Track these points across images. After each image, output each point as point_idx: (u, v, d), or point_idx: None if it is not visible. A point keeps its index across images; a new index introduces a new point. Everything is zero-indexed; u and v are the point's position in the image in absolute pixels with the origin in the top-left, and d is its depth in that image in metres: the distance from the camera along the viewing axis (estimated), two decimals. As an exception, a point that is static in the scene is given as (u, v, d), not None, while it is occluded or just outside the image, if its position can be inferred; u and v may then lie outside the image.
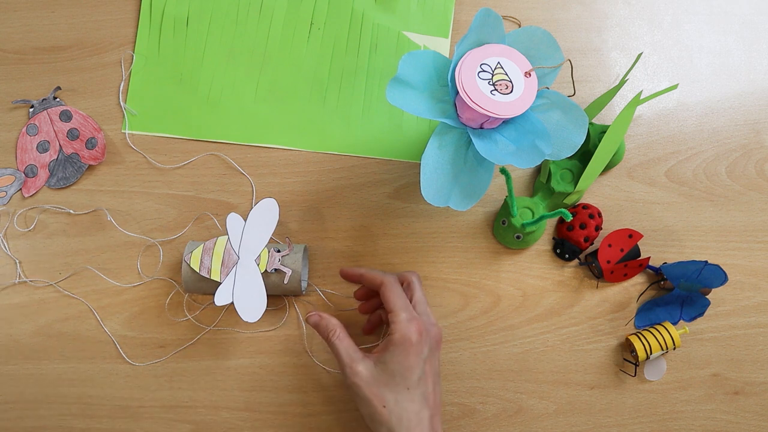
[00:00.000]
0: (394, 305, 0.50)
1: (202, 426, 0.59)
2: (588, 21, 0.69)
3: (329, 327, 0.51)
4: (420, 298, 0.53)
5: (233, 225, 0.56)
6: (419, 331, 0.49)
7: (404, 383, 0.48)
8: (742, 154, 0.66)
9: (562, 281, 0.63)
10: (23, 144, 0.63)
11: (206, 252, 0.55)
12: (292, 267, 0.55)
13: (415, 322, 0.49)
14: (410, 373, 0.48)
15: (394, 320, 0.49)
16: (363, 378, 0.48)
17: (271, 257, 0.55)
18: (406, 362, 0.48)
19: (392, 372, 0.48)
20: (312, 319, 0.53)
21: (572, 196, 0.61)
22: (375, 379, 0.48)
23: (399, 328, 0.49)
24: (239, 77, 0.66)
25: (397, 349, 0.48)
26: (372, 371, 0.49)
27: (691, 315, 0.62)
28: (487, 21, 0.50)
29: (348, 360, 0.49)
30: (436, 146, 0.51)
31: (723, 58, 0.69)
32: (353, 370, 0.49)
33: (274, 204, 0.56)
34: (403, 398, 0.47)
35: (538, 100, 0.51)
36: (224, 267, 0.54)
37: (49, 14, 0.66)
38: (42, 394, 0.59)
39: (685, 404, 0.62)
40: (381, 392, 0.48)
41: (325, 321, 0.52)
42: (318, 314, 0.53)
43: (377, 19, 0.67)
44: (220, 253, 0.55)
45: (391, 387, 0.48)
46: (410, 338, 0.48)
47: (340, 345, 0.50)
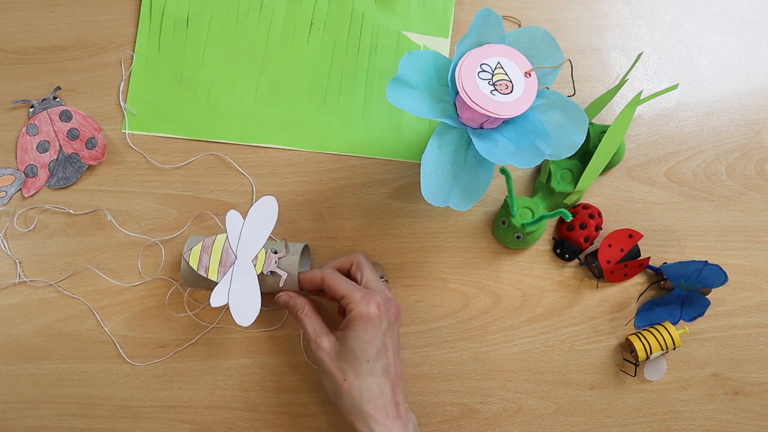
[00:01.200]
0: (342, 290, 0.51)
1: (202, 426, 0.59)
2: (588, 21, 0.69)
3: (297, 305, 0.53)
4: (370, 275, 0.54)
5: (232, 223, 0.55)
6: (377, 305, 0.50)
7: (364, 357, 0.49)
8: (742, 154, 0.66)
9: (562, 281, 0.63)
10: (23, 144, 0.63)
11: (205, 250, 0.54)
12: (289, 270, 0.53)
13: (371, 297, 0.50)
14: (370, 347, 0.49)
15: (350, 301, 0.50)
16: (326, 352, 0.50)
17: (268, 259, 0.54)
18: (364, 337, 0.49)
19: (352, 347, 0.49)
20: (281, 299, 0.54)
21: (572, 196, 0.61)
22: (337, 354, 0.50)
23: (355, 306, 0.50)
24: (239, 77, 0.66)
25: (356, 325, 0.49)
26: (335, 346, 0.51)
27: (691, 315, 0.62)
28: (487, 21, 0.50)
29: (313, 335, 0.51)
30: (436, 146, 0.51)
31: (723, 58, 0.69)
32: (317, 344, 0.51)
33: (273, 202, 0.55)
34: (364, 371, 0.49)
35: (538, 100, 0.51)
36: (221, 266, 0.54)
37: (49, 14, 0.66)
38: (42, 394, 0.59)
39: (685, 404, 0.62)
40: (341, 366, 0.49)
41: (294, 300, 0.54)
42: (287, 294, 0.54)
43: (377, 19, 0.67)
44: (219, 251, 0.54)
45: (351, 361, 0.49)
46: (368, 313, 0.50)
47: (308, 321, 0.52)
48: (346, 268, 0.55)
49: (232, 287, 0.53)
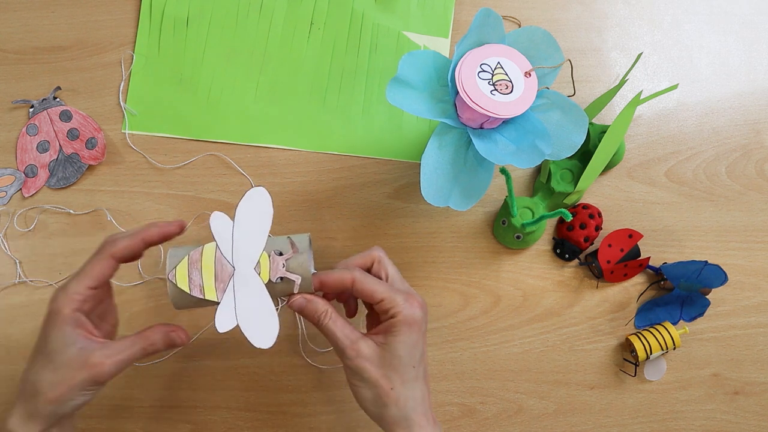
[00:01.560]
0: (380, 294, 0.46)
1: (202, 426, 0.59)
2: (588, 21, 0.69)
3: (318, 309, 0.46)
4: (395, 273, 0.50)
5: (219, 227, 0.45)
6: (421, 307, 0.47)
7: (410, 362, 0.46)
8: (742, 154, 0.66)
9: (562, 281, 0.63)
10: (23, 144, 0.63)
11: (193, 265, 0.45)
12: (300, 272, 0.45)
13: (413, 299, 0.47)
14: (415, 351, 0.46)
15: (392, 304, 0.46)
16: (368, 359, 0.45)
17: (273, 263, 0.45)
18: (410, 341, 0.46)
19: (399, 354, 0.45)
20: (297, 304, 0.46)
21: (572, 196, 0.61)
22: (380, 361, 0.45)
23: (401, 310, 0.46)
24: (239, 77, 0.66)
25: (401, 329, 0.45)
26: (377, 351, 0.46)
27: (691, 315, 0.62)
28: (487, 21, 0.50)
29: (348, 342, 0.46)
30: (436, 146, 0.51)
31: (723, 58, 0.69)
32: (357, 350, 0.45)
33: (264, 193, 0.46)
34: (410, 378, 0.46)
35: (538, 100, 0.51)
36: (219, 282, 0.44)
37: (49, 14, 0.66)
38: (42, 394, 0.59)
39: (685, 404, 0.62)
40: (387, 374, 0.45)
41: (313, 304, 0.46)
42: (303, 297, 0.46)
43: (377, 19, 0.67)
44: (210, 264, 0.45)
45: (397, 368, 0.45)
46: (414, 317, 0.46)
47: (335, 327, 0.46)
48: (367, 265, 0.50)
49: (238, 305, 0.45)
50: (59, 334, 0.43)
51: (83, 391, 0.43)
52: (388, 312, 0.46)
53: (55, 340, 0.43)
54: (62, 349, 0.43)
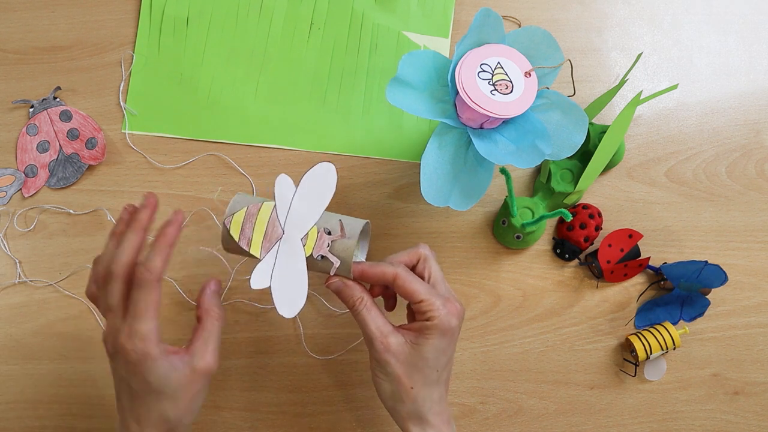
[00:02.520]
0: (420, 294, 0.46)
1: (202, 426, 0.59)
2: (588, 21, 0.69)
3: (355, 295, 0.47)
4: (438, 274, 0.49)
5: (282, 191, 0.47)
6: (458, 315, 0.47)
7: (435, 366, 0.46)
8: (742, 154, 0.66)
9: (562, 281, 0.63)
10: (23, 144, 0.63)
11: (249, 218, 0.47)
12: (343, 256, 0.46)
13: (452, 306, 0.46)
14: (443, 357, 0.46)
15: (430, 308, 0.46)
16: (395, 354, 0.46)
17: (320, 240, 0.46)
18: (440, 346, 0.46)
19: (426, 356, 0.46)
20: (334, 285, 0.47)
21: (572, 196, 0.61)
22: (407, 359, 0.46)
23: (438, 315, 0.45)
24: (239, 77, 0.66)
25: (435, 334, 0.46)
26: (405, 349, 0.46)
27: (691, 315, 0.62)
28: (487, 21, 0.50)
29: (378, 333, 0.46)
30: (436, 146, 0.51)
31: (723, 58, 0.69)
32: (385, 344, 0.45)
33: (332, 170, 0.47)
34: (432, 380, 0.46)
35: (538, 100, 0.51)
36: (266, 241, 0.46)
37: (49, 14, 0.66)
38: (42, 394, 0.59)
39: (685, 404, 0.62)
40: (410, 372, 0.46)
41: (350, 289, 0.47)
42: (341, 280, 0.47)
43: (377, 19, 0.67)
44: (264, 222, 0.47)
45: (421, 369, 0.46)
46: (450, 324, 0.46)
47: (368, 316, 0.46)
48: (413, 262, 0.49)
49: (277, 268, 0.46)
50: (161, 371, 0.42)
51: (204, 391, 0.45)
52: (425, 314, 0.46)
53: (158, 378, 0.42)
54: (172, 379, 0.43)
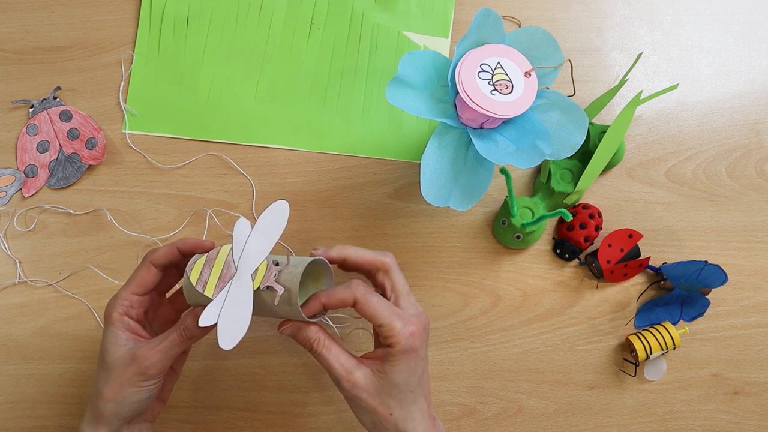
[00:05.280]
0: (380, 318, 0.45)
1: (202, 426, 0.59)
2: (588, 21, 0.69)
3: (310, 337, 0.46)
4: (402, 287, 0.48)
5: (240, 232, 0.47)
6: (419, 335, 0.46)
7: (408, 388, 0.46)
8: (742, 154, 0.66)
9: (562, 281, 0.63)
10: (23, 144, 0.63)
11: (208, 263, 0.47)
12: (288, 285, 0.44)
13: (412, 326, 0.45)
14: (413, 378, 0.46)
15: (390, 333, 0.45)
16: (365, 389, 0.45)
17: (268, 272, 0.45)
18: (408, 369, 0.45)
19: (396, 383, 0.45)
20: (288, 331, 0.46)
21: (572, 196, 0.61)
22: (377, 390, 0.45)
23: (398, 340, 0.44)
24: (239, 77, 0.66)
25: (399, 359, 0.45)
26: (372, 380, 0.45)
27: (691, 315, 0.62)
28: (487, 21, 0.50)
29: (343, 371, 0.45)
30: (436, 146, 0.51)
31: (723, 58, 0.69)
32: (353, 381, 0.45)
33: (285, 207, 0.47)
34: (408, 402, 0.46)
35: (538, 100, 0.51)
36: (220, 281, 0.46)
37: (49, 14, 0.66)
38: (42, 394, 0.59)
39: (685, 404, 0.62)
40: (386, 401, 0.45)
41: (304, 331, 0.46)
42: (293, 325, 0.46)
43: (377, 19, 0.67)
44: (221, 264, 0.47)
45: (395, 395, 0.45)
46: (413, 346, 0.45)
47: (329, 355, 0.45)
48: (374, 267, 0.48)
49: (226, 304, 0.45)
50: (110, 336, 0.47)
51: (136, 386, 0.45)
52: (387, 339, 0.45)
53: (106, 343, 0.47)
54: (112, 350, 0.46)
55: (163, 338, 0.46)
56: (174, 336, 0.46)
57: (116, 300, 0.47)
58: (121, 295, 0.48)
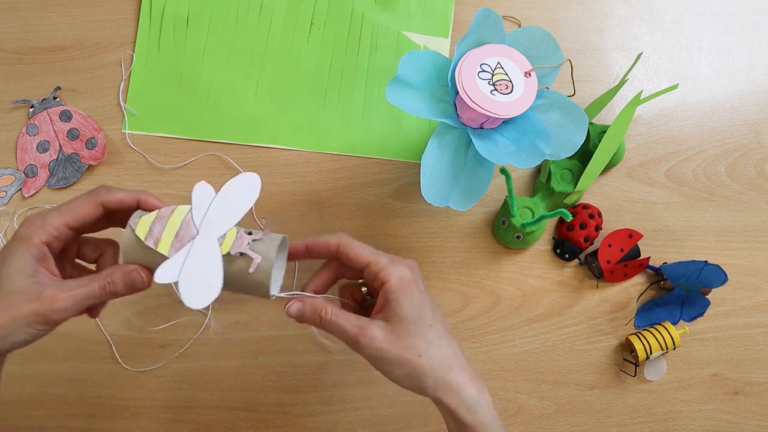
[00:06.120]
0: (366, 257, 0.44)
1: (202, 426, 0.59)
2: (588, 21, 0.69)
3: (317, 306, 0.43)
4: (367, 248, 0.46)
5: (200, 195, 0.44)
6: (407, 264, 0.44)
7: (425, 322, 0.43)
8: (742, 154, 0.66)
9: (562, 281, 0.63)
10: (23, 144, 0.63)
11: (159, 220, 0.43)
12: (264, 255, 0.42)
13: (399, 260, 0.44)
14: (424, 310, 0.43)
15: (378, 268, 0.43)
16: (384, 339, 0.42)
17: (239, 239, 0.43)
18: (414, 301, 0.43)
19: (408, 318, 0.42)
20: (293, 309, 0.44)
21: (572, 196, 0.61)
22: (396, 334, 0.42)
23: (389, 273, 0.43)
24: (239, 77, 0.66)
25: (400, 293, 0.43)
26: (388, 328, 0.43)
27: (691, 315, 0.62)
28: (487, 21, 0.50)
29: (357, 330, 0.42)
30: (436, 146, 0.51)
31: (723, 58, 0.69)
32: (369, 336, 0.42)
33: (257, 180, 0.45)
34: (433, 337, 0.43)
35: (538, 100, 0.51)
36: (177, 240, 0.42)
37: (49, 14, 0.66)
38: (42, 394, 0.59)
39: (685, 404, 0.62)
40: (409, 343, 0.42)
41: (308, 305, 0.44)
42: (296, 300, 0.44)
43: (377, 19, 0.67)
44: (176, 224, 0.43)
45: (415, 333, 0.42)
46: (406, 276, 0.43)
47: (339, 319, 0.43)
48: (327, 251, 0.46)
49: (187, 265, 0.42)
50: (20, 260, 0.39)
51: (30, 327, 0.39)
52: (378, 277, 0.43)
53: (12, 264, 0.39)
54: (17, 276, 0.39)
55: (78, 285, 0.40)
56: (94, 287, 0.41)
57: (43, 224, 0.40)
58: (52, 221, 0.41)
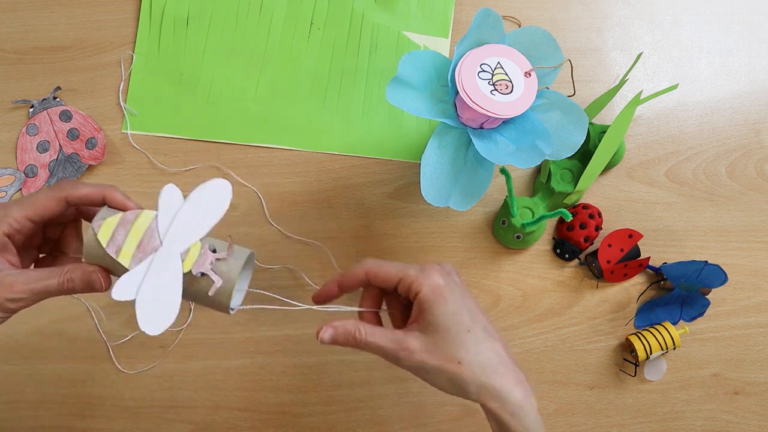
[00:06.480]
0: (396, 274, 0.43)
1: (202, 426, 0.59)
2: (588, 21, 0.69)
3: (349, 330, 0.43)
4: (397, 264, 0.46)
5: (168, 200, 0.42)
6: (438, 271, 0.44)
7: (462, 328, 0.42)
8: (742, 154, 0.66)
9: (562, 281, 0.63)
10: (23, 144, 0.63)
11: (123, 225, 0.41)
12: (226, 277, 0.40)
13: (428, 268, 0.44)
14: (461, 316, 0.43)
15: (409, 281, 0.43)
16: (422, 349, 0.42)
17: (203, 257, 0.41)
18: (448, 308, 0.42)
19: (444, 327, 0.42)
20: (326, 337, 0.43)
21: (572, 196, 0.61)
22: (434, 344, 0.42)
23: (421, 283, 0.43)
24: (239, 77, 0.66)
25: (433, 301, 0.42)
26: (424, 338, 0.42)
27: (691, 315, 0.62)
28: (487, 21, 0.50)
29: (395, 345, 0.42)
30: (436, 146, 0.51)
31: (723, 58, 0.69)
32: (408, 349, 0.42)
33: (227, 188, 0.42)
34: (472, 343, 0.42)
35: (538, 100, 0.51)
36: (139, 251, 0.41)
37: (49, 14, 0.66)
38: (42, 394, 0.59)
39: (685, 404, 0.62)
40: (447, 351, 0.42)
41: (341, 328, 0.43)
42: (329, 325, 0.43)
43: (377, 19, 0.67)
44: (141, 231, 0.41)
45: (451, 340, 0.42)
46: (437, 283, 0.43)
47: (375, 337, 0.43)
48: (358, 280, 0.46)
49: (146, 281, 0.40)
50: None
51: None
52: (410, 289, 0.43)
53: None
54: None
55: (37, 278, 0.40)
56: (53, 282, 0.41)
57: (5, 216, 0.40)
58: (14, 213, 0.41)
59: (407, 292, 0.44)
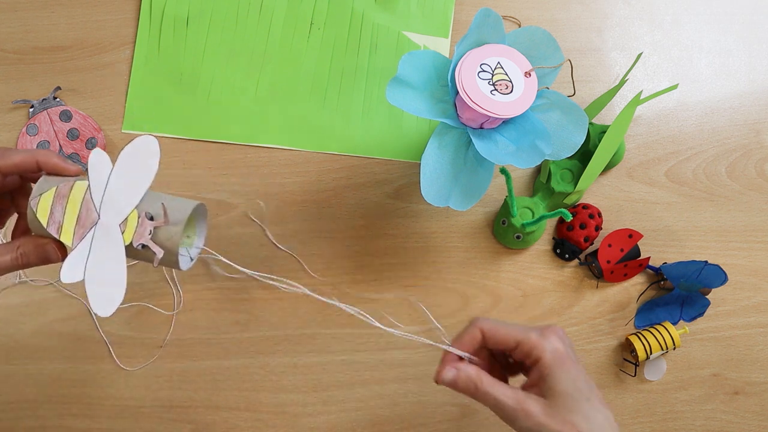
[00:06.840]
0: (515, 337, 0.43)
1: (202, 426, 0.59)
2: (588, 21, 0.69)
3: (471, 377, 0.43)
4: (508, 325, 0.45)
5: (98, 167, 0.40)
6: (560, 337, 0.44)
7: (582, 396, 0.42)
8: (742, 154, 0.66)
9: (562, 281, 0.63)
10: (23, 144, 0.63)
11: (59, 199, 0.39)
12: (167, 245, 0.39)
13: (548, 332, 0.44)
14: (580, 383, 0.43)
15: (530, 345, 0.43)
16: (542, 413, 0.42)
17: (141, 227, 0.39)
18: (570, 375, 0.42)
19: (565, 393, 0.42)
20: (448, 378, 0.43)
21: (572, 196, 0.61)
22: (555, 410, 0.42)
23: (543, 348, 0.43)
24: (239, 77, 0.66)
25: (555, 367, 0.42)
26: (545, 403, 0.42)
27: (691, 315, 0.62)
28: (487, 21, 0.50)
29: (515, 404, 0.42)
30: (436, 146, 0.51)
31: (723, 58, 0.69)
32: (528, 412, 0.42)
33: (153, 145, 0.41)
34: (591, 412, 0.42)
35: (538, 100, 0.51)
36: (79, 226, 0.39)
37: (49, 14, 0.66)
38: (42, 394, 0.59)
39: (685, 404, 0.62)
40: (567, 418, 0.41)
41: (464, 373, 0.43)
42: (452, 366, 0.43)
43: (377, 19, 0.67)
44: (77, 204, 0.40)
45: (572, 408, 0.42)
46: (559, 349, 0.43)
47: (494, 391, 0.42)
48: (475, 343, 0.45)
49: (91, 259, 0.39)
50: None
51: None
52: (530, 355, 0.43)
53: None
54: None
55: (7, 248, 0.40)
56: (6, 259, 0.40)
57: None
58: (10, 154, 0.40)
59: (525, 357, 0.44)
